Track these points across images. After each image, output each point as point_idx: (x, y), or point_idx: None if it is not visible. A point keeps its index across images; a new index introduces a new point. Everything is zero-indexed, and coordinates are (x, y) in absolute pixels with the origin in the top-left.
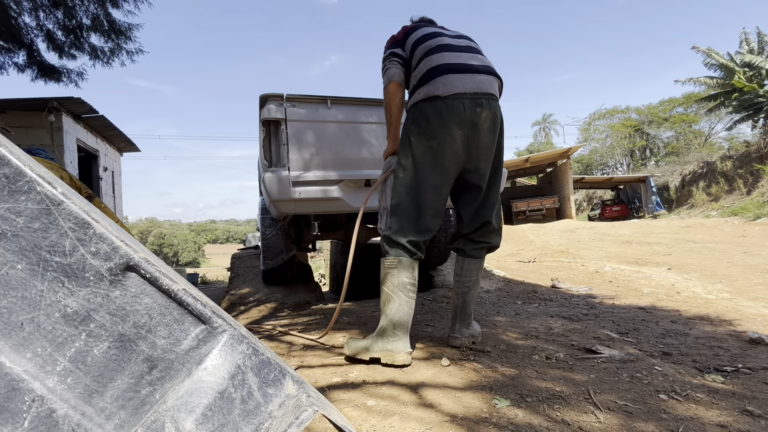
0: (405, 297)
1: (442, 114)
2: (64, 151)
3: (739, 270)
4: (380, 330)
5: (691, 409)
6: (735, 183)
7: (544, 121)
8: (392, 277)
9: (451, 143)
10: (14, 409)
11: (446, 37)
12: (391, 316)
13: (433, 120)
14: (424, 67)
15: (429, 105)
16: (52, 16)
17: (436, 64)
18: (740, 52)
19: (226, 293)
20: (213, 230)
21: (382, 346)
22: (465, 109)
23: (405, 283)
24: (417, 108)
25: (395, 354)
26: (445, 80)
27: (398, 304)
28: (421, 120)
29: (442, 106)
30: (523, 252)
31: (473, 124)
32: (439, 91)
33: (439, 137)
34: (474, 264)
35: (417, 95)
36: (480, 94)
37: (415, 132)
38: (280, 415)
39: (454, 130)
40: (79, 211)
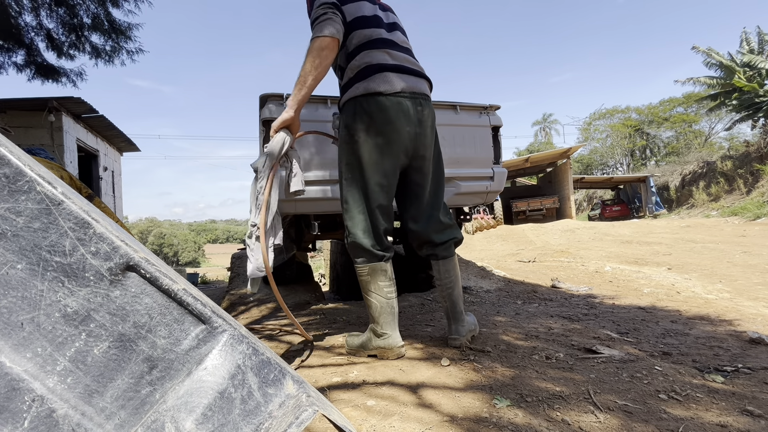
0: (384, 299)
1: (388, 110)
2: (64, 151)
3: (739, 270)
4: (371, 330)
5: (691, 409)
6: (735, 183)
7: (544, 121)
8: (368, 283)
9: (397, 139)
10: (14, 408)
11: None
12: (377, 317)
13: (378, 116)
14: (362, 60)
15: (372, 100)
16: (54, 15)
17: (375, 63)
18: (741, 51)
19: (226, 293)
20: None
21: (376, 344)
22: (408, 106)
23: (381, 287)
24: (357, 102)
25: (388, 351)
26: (384, 77)
27: (380, 307)
28: (365, 116)
29: (385, 102)
30: (523, 252)
31: (419, 121)
32: (380, 88)
33: (385, 134)
34: (449, 263)
35: (355, 89)
36: (418, 94)
37: (359, 129)
38: (280, 415)
39: (401, 126)
40: (79, 211)
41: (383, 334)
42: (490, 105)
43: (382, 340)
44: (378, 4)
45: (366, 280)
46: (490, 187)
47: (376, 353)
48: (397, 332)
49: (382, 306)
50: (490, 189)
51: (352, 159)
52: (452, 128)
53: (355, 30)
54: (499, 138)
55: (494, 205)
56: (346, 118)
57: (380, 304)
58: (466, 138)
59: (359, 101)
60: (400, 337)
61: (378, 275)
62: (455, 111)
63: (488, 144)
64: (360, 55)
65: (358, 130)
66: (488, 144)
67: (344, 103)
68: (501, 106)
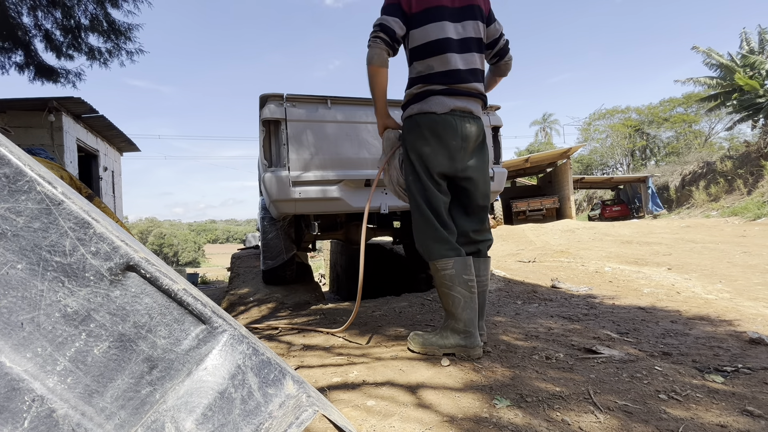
0: (469, 293)
1: (438, 125)
2: (64, 151)
3: (739, 270)
4: (451, 328)
5: (691, 410)
6: (735, 183)
7: (544, 121)
8: (453, 278)
9: (445, 150)
10: (14, 408)
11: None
12: (459, 314)
13: (428, 130)
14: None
15: (425, 117)
16: (50, 16)
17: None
18: (740, 52)
19: (226, 293)
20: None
21: (455, 342)
22: (456, 123)
23: (466, 281)
24: (413, 120)
25: (470, 350)
26: (438, 100)
27: (464, 302)
28: (417, 129)
29: (437, 119)
30: (523, 252)
31: (464, 136)
32: (433, 109)
33: (433, 145)
34: (487, 262)
35: (411, 110)
36: (466, 113)
37: (413, 139)
38: (281, 415)
39: (448, 139)
40: (79, 211)
41: (466, 331)
42: (490, 105)
43: (464, 338)
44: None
45: (450, 275)
46: (491, 188)
47: (454, 352)
48: (477, 332)
49: (467, 301)
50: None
51: (411, 166)
52: None
53: (418, 60)
54: (499, 138)
55: (494, 205)
56: (404, 132)
57: (465, 299)
58: None
59: (414, 119)
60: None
61: (464, 268)
62: None
63: (488, 144)
64: (417, 86)
65: (411, 141)
66: (488, 144)
67: (404, 120)
68: (501, 106)
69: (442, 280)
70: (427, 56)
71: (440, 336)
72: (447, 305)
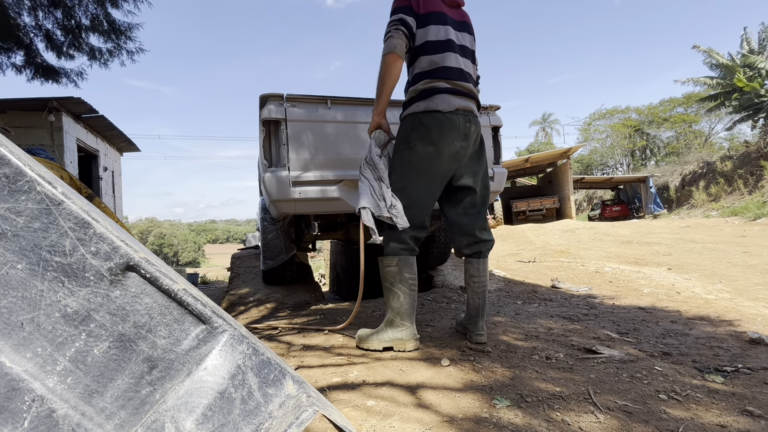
0: (409, 291)
1: (443, 125)
2: (64, 151)
3: (739, 270)
4: (388, 321)
5: (691, 410)
6: (735, 183)
7: (544, 121)
8: (395, 275)
9: (448, 151)
10: (14, 409)
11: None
12: (397, 309)
13: (434, 129)
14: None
15: (430, 116)
16: (51, 16)
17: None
18: (741, 52)
19: (226, 293)
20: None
21: (393, 336)
22: (460, 122)
23: (407, 279)
24: (417, 117)
25: (406, 342)
26: (443, 98)
27: (404, 298)
28: (422, 128)
29: (442, 118)
30: (523, 252)
31: (465, 136)
32: (439, 107)
33: (438, 145)
34: (486, 263)
35: (416, 107)
36: (468, 112)
37: (415, 138)
38: (281, 415)
39: (451, 139)
40: (79, 211)
41: (402, 325)
42: (490, 105)
43: (401, 331)
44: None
45: (393, 272)
46: (490, 187)
47: (392, 345)
48: (414, 326)
49: (405, 297)
50: (490, 189)
51: (406, 164)
52: None
53: (423, 55)
54: (499, 138)
55: (494, 205)
56: (405, 128)
57: (404, 296)
58: None
59: (419, 116)
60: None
61: (405, 267)
62: None
63: (488, 144)
64: (423, 81)
65: (414, 139)
66: (488, 144)
67: (405, 116)
68: (501, 107)
69: (386, 276)
70: (432, 53)
71: (379, 332)
72: (388, 300)
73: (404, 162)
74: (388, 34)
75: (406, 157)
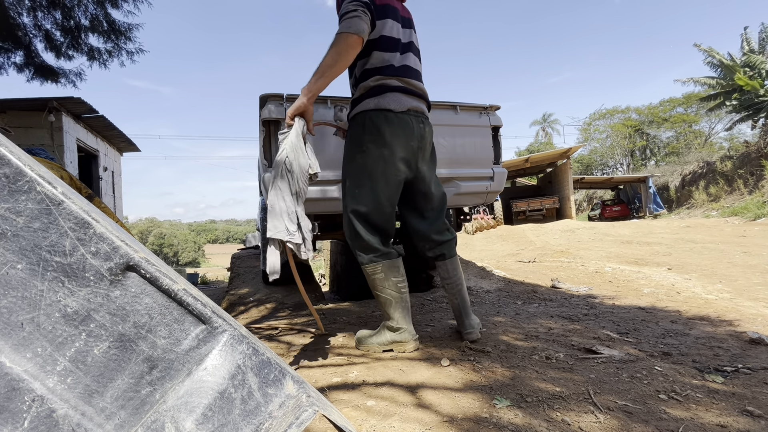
0: (398, 294)
1: (395, 125)
2: (64, 151)
3: (739, 270)
4: (385, 326)
5: (691, 410)
6: (735, 183)
7: (545, 121)
8: (382, 281)
9: (402, 152)
10: (14, 409)
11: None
12: (391, 312)
13: (386, 130)
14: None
15: (381, 115)
16: (50, 17)
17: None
18: (742, 51)
19: (226, 293)
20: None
21: (391, 339)
22: (413, 123)
23: (395, 282)
24: (367, 116)
25: (404, 344)
26: (395, 97)
27: (394, 302)
28: (373, 129)
29: (394, 119)
30: (523, 252)
31: (420, 137)
32: (391, 106)
33: (391, 146)
34: (455, 262)
35: (366, 104)
36: (420, 113)
37: (367, 140)
38: (281, 415)
39: (406, 140)
40: (79, 211)
41: (398, 328)
42: (490, 105)
43: (399, 334)
44: (402, 17)
45: (379, 278)
46: (490, 188)
47: (391, 348)
48: (412, 326)
49: (396, 300)
50: (490, 189)
51: (360, 168)
52: (452, 128)
53: (375, 50)
54: (499, 138)
55: (494, 205)
56: (356, 129)
57: (393, 299)
58: (466, 138)
59: (369, 115)
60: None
61: (391, 272)
62: (455, 111)
63: (488, 144)
64: (374, 78)
65: (366, 141)
66: (488, 144)
67: (354, 115)
68: (501, 107)
69: (373, 284)
70: (385, 50)
71: (378, 334)
72: (381, 305)
73: (357, 165)
74: (352, 12)
75: (359, 160)
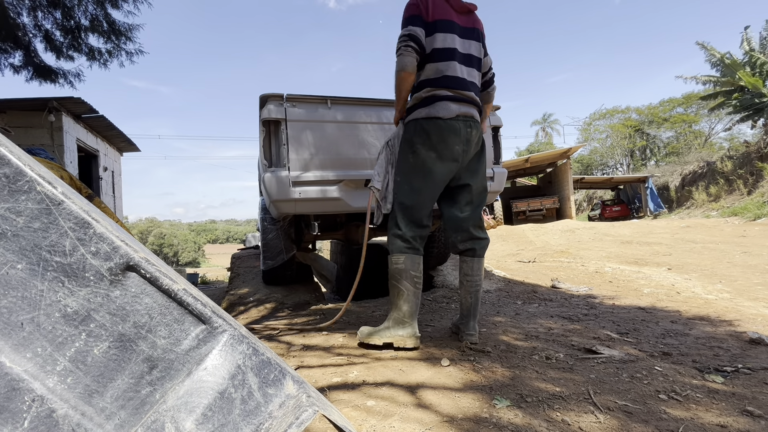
0: (414, 288)
1: (443, 131)
2: (64, 151)
3: (739, 270)
4: (391, 319)
5: (691, 410)
6: (735, 183)
7: (545, 121)
8: (402, 272)
9: (448, 155)
10: (14, 408)
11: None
12: (402, 305)
13: (434, 135)
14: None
15: (431, 123)
16: (50, 17)
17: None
18: (742, 51)
19: (226, 293)
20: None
21: (394, 332)
22: (460, 127)
23: (413, 276)
24: (419, 123)
25: (406, 339)
26: (444, 105)
27: (408, 295)
28: (423, 134)
29: (442, 124)
30: (523, 252)
31: (467, 140)
32: (440, 114)
33: (438, 150)
34: (481, 262)
35: (418, 113)
36: (469, 117)
37: (418, 143)
38: (281, 415)
39: (452, 144)
40: (79, 211)
41: (405, 322)
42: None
43: (403, 328)
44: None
45: (400, 269)
46: (490, 188)
47: (392, 341)
48: (416, 324)
49: (410, 294)
50: (490, 189)
51: (410, 167)
52: None
53: (428, 63)
54: (499, 138)
55: (494, 206)
56: (408, 134)
57: (408, 292)
58: None
59: (420, 122)
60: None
61: (412, 265)
62: None
63: (488, 144)
64: (426, 90)
65: (416, 144)
66: (488, 144)
67: (408, 122)
68: (501, 107)
69: (393, 273)
70: (437, 61)
71: (383, 327)
72: (393, 296)
73: (408, 165)
74: (399, 51)
75: (409, 160)
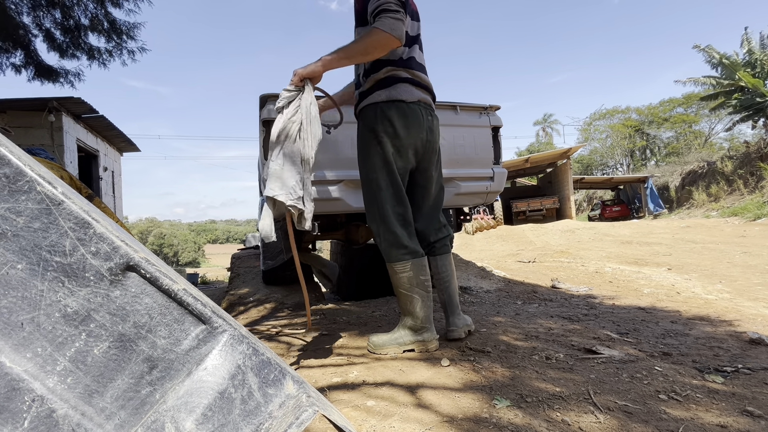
0: (426, 293)
1: (407, 116)
2: (64, 151)
3: (739, 270)
4: (408, 326)
5: (691, 410)
6: (735, 183)
7: (545, 121)
8: (411, 279)
9: (412, 143)
10: (14, 409)
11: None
12: (416, 312)
13: (398, 121)
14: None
15: (393, 106)
16: (50, 16)
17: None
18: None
19: (226, 293)
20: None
21: (414, 339)
22: (423, 114)
23: (423, 281)
24: (379, 108)
25: (428, 343)
26: (405, 88)
27: (422, 301)
28: (386, 121)
29: (406, 109)
30: (523, 252)
31: (429, 129)
32: (402, 96)
33: (403, 137)
34: (445, 259)
35: (377, 96)
36: (428, 105)
37: (381, 131)
38: (281, 415)
39: (416, 131)
40: (79, 211)
41: (422, 327)
42: (490, 105)
43: (421, 334)
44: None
45: (408, 276)
46: (490, 188)
47: (413, 347)
48: (434, 326)
49: (424, 299)
50: (490, 189)
51: (378, 161)
52: (452, 129)
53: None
54: (499, 138)
55: (494, 206)
56: (368, 121)
57: (422, 299)
58: (466, 138)
59: (380, 107)
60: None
61: (419, 270)
62: (455, 111)
63: (488, 144)
64: (384, 69)
65: (380, 133)
66: (488, 144)
67: (364, 107)
68: (501, 107)
69: (400, 282)
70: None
71: (399, 335)
72: (405, 305)
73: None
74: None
75: (376, 152)
